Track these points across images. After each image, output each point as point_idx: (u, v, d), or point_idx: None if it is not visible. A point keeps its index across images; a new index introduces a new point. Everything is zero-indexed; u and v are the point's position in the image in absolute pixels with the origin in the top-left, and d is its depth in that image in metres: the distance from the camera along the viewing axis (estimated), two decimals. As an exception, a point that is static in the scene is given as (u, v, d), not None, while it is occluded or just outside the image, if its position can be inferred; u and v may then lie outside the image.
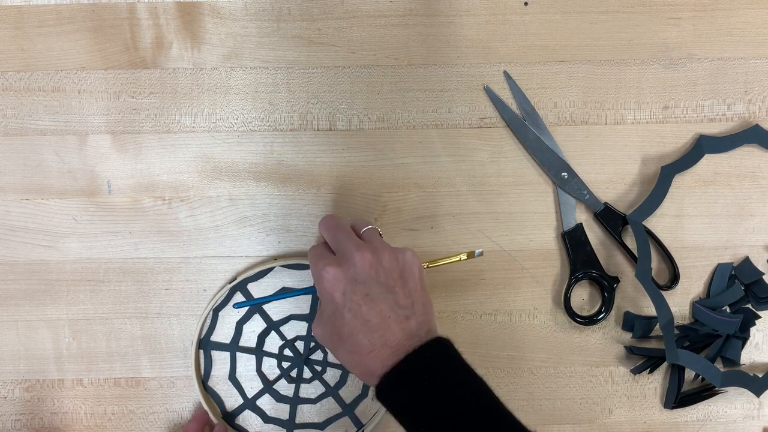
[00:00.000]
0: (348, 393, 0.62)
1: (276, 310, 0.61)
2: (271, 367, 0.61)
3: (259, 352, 0.61)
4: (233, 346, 0.61)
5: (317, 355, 0.61)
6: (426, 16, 0.60)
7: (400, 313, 0.49)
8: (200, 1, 0.60)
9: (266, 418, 0.61)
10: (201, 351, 0.61)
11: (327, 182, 0.61)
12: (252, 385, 0.61)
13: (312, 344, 0.61)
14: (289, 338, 0.61)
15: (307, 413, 0.62)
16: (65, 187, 0.61)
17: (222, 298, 0.61)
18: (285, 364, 0.61)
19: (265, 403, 0.61)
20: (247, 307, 0.61)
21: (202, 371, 0.61)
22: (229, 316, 0.61)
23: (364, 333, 0.48)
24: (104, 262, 0.61)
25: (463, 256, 0.56)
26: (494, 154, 0.61)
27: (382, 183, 0.61)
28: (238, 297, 0.61)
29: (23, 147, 0.60)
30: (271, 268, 0.60)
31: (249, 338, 0.61)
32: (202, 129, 0.60)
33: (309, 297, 0.61)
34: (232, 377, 0.61)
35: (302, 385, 0.62)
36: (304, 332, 0.61)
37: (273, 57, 0.60)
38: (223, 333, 0.61)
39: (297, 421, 0.61)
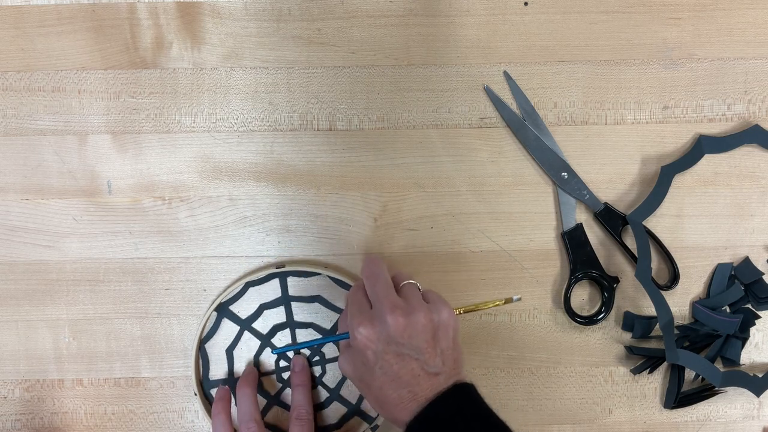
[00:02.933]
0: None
1: (300, 313, 0.61)
2: (270, 366, 0.61)
3: (266, 340, 0.61)
4: (246, 324, 0.61)
5: (316, 370, 0.61)
6: (426, 16, 0.60)
7: (430, 370, 0.50)
8: (200, 1, 0.60)
9: None
10: (216, 313, 0.60)
11: (327, 182, 0.61)
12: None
13: (316, 357, 0.61)
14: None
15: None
16: (65, 187, 0.61)
17: (261, 277, 0.60)
18: (285, 375, 0.61)
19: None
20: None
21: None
22: (257, 295, 0.61)
23: (394, 388, 0.50)
24: (104, 262, 0.61)
25: (500, 302, 0.56)
26: (494, 154, 0.61)
27: (382, 183, 0.61)
28: (273, 286, 0.60)
29: (23, 147, 0.60)
30: (318, 274, 0.60)
31: (264, 325, 0.61)
32: (202, 129, 0.60)
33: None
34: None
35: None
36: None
37: (273, 57, 0.60)
38: (245, 308, 0.61)
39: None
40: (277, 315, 0.61)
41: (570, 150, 0.61)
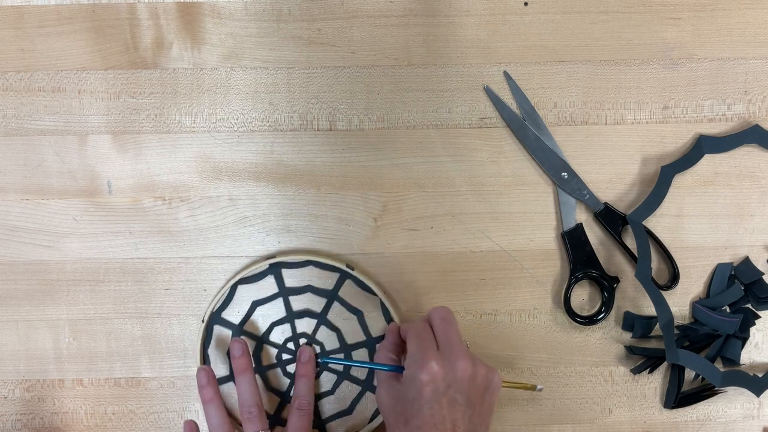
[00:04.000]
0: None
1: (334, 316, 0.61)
2: (273, 345, 0.61)
3: (291, 317, 0.61)
4: (286, 293, 0.61)
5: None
6: (426, 16, 0.60)
7: (469, 428, 0.51)
8: (200, 1, 0.60)
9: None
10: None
11: (327, 182, 0.61)
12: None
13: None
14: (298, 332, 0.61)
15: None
16: (65, 187, 0.61)
17: (293, 261, 0.60)
18: (285, 356, 0.61)
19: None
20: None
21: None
22: (295, 277, 0.61)
23: None
24: (104, 262, 0.61)
25: (522, 386, 0.59)
26: (494, 154, 0.61)
27: (382, 183, 0.61)
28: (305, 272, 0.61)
29: (23, 147, 0.60)
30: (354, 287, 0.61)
31: (298, 305, 0.61)
32: (202, 129, 0.61)
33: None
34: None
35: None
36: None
37: (273, 57, 0.60)
38: (271, 289, 0.61)
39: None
40: (306, 301, 0.61)
41: (570, 150, 0.61)
